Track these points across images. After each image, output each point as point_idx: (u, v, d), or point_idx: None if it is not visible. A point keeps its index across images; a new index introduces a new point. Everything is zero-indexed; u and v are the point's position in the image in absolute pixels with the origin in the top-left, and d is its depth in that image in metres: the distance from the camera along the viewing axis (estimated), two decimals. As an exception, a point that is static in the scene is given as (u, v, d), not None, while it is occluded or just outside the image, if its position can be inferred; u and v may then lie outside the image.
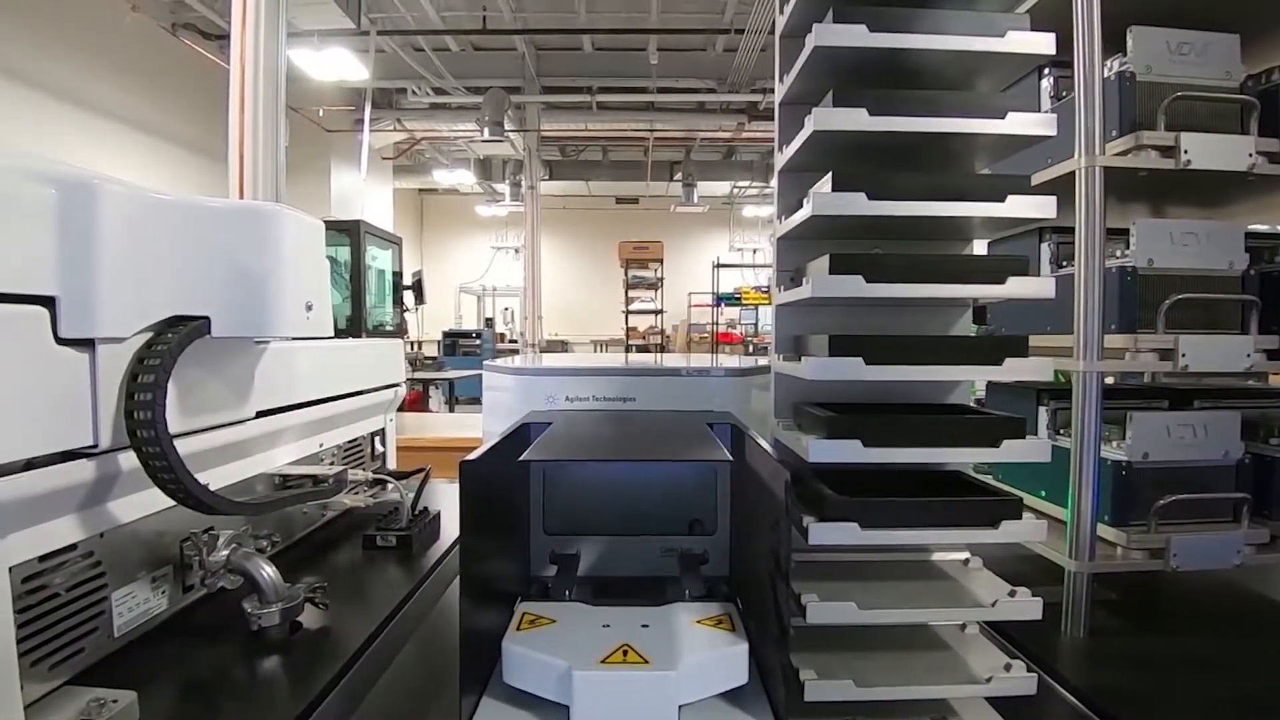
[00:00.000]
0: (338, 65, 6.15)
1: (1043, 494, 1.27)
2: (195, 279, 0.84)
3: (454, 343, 11.07)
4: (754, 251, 13.98)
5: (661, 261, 10.62)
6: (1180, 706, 0.93)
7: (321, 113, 8.04)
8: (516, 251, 13.06)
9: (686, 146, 11.21)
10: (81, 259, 0.71)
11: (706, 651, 0.65)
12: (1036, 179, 1.09)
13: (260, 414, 1.07)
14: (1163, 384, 1.44)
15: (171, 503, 0.89)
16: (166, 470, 0.78)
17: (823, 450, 0.79)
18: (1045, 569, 1.16)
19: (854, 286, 0.78)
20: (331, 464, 1.40)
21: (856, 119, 0.77)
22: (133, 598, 0.86)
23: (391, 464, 1.71)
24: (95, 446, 0.75)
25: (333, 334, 1.07)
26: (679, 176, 11.23)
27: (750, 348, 11.75)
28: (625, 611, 0.73)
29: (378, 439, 1.63)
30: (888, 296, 0.77)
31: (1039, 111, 0.87)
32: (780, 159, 0.94)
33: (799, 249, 0.95)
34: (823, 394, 0.93)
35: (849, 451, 0.78)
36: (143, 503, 0.86)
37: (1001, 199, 0.81)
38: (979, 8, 0.85)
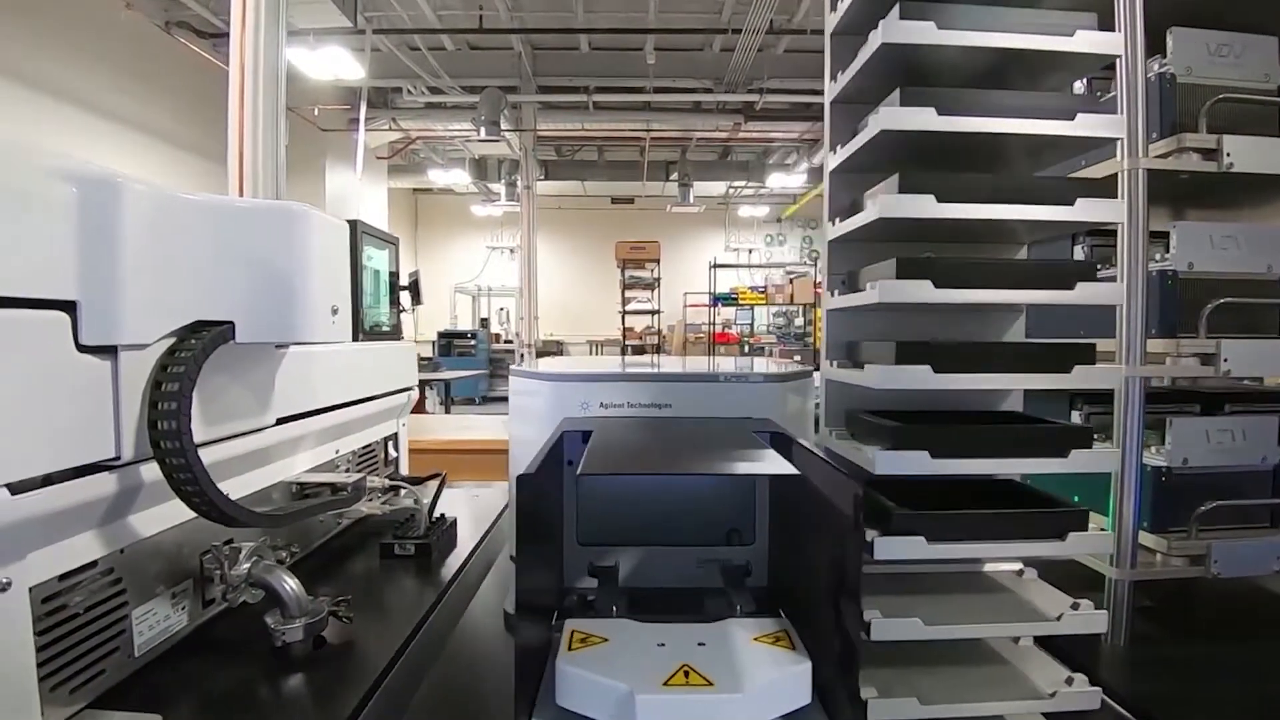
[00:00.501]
0: (333, 64, 6.09)
1: (1075, 499, 1.25)
2: (219, 282, 0.80)
3: (449, 343, 11.01)
4: (749, 252, 13.99)
5: (658, 262, 10.61)
6: (1231, 713, 0.91)
7: (317, 111, 7.96)
8: (512, 251, 13.02)
9: (682, 146, 11.20)
10: (104, 261, 0.68)
11: (770, 671, 0.62)
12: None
13: (279, 421, 1.03)
14: (1186, 387, 1.42)
15: (191, 515, 0.86)
16: (191, 482, 0.75)
17: (889, 462, 0.76)
18: (1078, 575, 1.13)
19: (922, 292, 0.75)
20: (347, 471, 1.36)
21: (925, 119, 0.75)
22: (153, 615, 0.82)
23: (404, 469, 1.67)
24: (118, 459, 0.72)
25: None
26: (675, 176, 11.21)
27: (746, 348, 11.74)
28: (678, 629, 0.70)
29: (390, 444, 1.59)
30: (954, 302, 0.75)
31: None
32: (832, 160, 0.91)
33: (851, 252, 0.92)
34: (872, 401, 0.90)
35: (916, 463, 0.76)
36: (163, 515, 0.83)
37: (1070, 202, 0.78)
38: (1042, 5, 0.83)
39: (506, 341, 12.37)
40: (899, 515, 0.76)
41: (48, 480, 0.65)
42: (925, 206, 0.75)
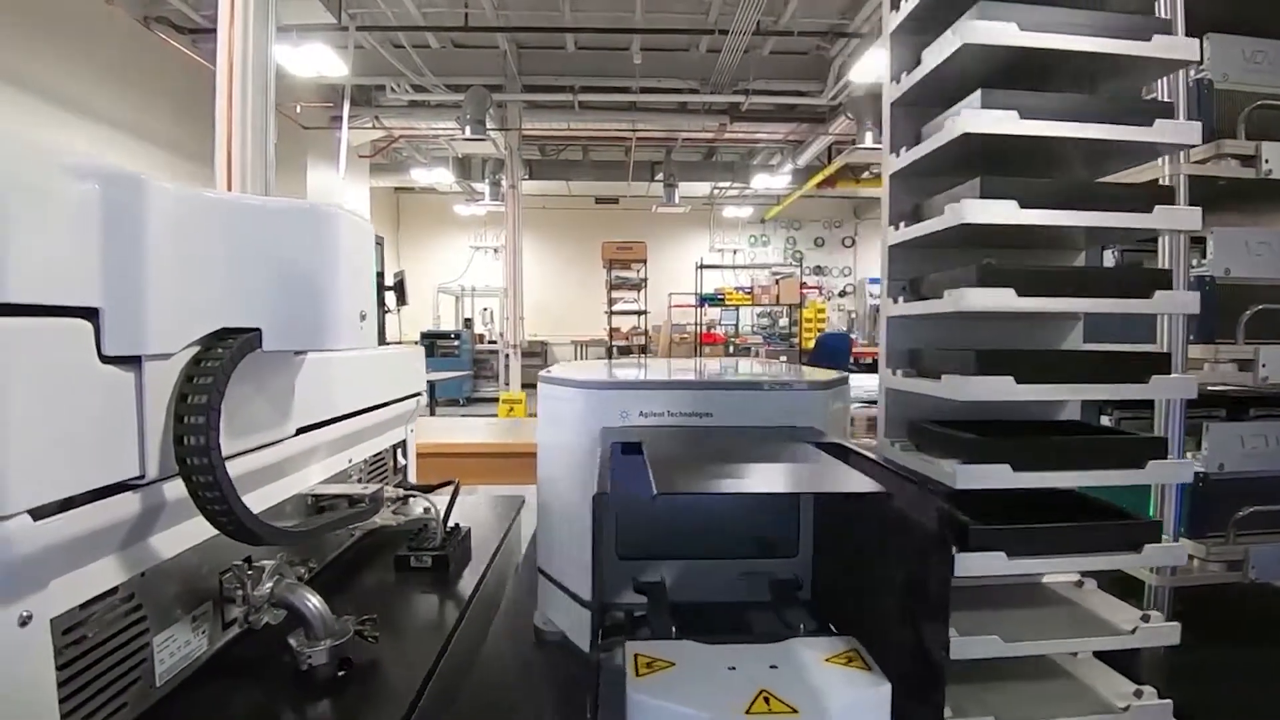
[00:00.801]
0: (317, 61, 5.98)
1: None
2: (245, 286, 0.76)
3: (432, 344, 10.88)
4: (734, 252, 14.01)
5: (644, 262, 10.58)
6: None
7: (299, 109, 7.82)
8: (496, 251, 12.92)
9: (667, 147, 11.19)
10: (127, 265, 0.63)
11: (850, 694, 0.59)
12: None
13: (298, 430, 0.98)
14: (1209, 393, 1.42)
15: (212, 533, 0.81)
16: (219, 501, 0.70)
17: (971, 476, 0.74)
18: (1112, 580, 1.12)
19: (1005, 300, 0.73)
20: (359, 481, 1.31)
21: (1009, 122, 0.72)
22: (173, 641, 0.77)
23: (412, 477, 1.62)
24: (142, 477, 0.67)
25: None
26: (660, 177, 11.20)
27: (732, 348, 11.76)
28: (744, 650, 0.67)
29: (399, 451, 1.54)
30: (1035, 311, 0.73)
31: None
32: (894, 163, 0.88)
33: (912, 257, 0.89)
34: (930, 411, 0.88)
35: (998, 476, 0.73)
36: (184, 535, 0.77)
37: (1148, 209, 0.76)
38: (1110, 7, 0.81)
39: (490, 342, 12.27)
40: (977, 530, 0.73)
41: (67, 503, 0.60)
42: (1010, 212, 0.72)
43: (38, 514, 0.55)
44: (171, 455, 0.69)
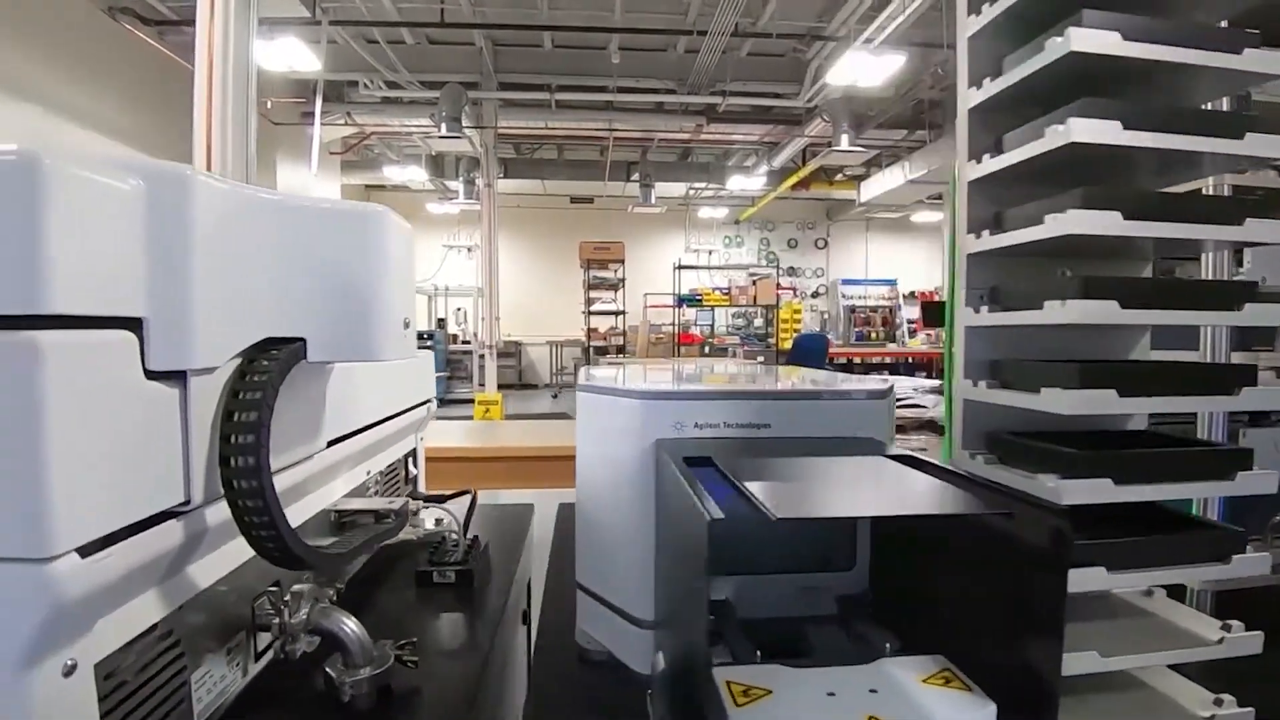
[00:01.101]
0: (289, 55, 5.81)
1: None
2: (290, 293, 0.70)
3: (406, 346, 10.68)
4: (709, 253, 14.04)
5: (623, 262, 10.54)
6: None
7: (270, 105, 7.61)
8: (469, 250, 12.74)
9: (643, 147, 11.17)
10: (174, 270, 0.57)
11: (958, 717, 0.57)
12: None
13: (329, 444, 0.93)
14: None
15: (244, 559, 0.75)
16: (268, 526, 0.64)
17: (1077, 491, 0.72)
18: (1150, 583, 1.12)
19: (1108, 313, 0.71)
20: (375, 493, 1.25)
21: (1113, 132, 0.70)
22: (210, 676, 0.71)
23: (422, 486, 1.56)
24: (187, 503, 0.61)
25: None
26: (636, 176, 11.17)
27: (708, 349, 11.78)
28: (836, 673, 0.64)
29: (410, 460, 1.48)
30: (1136, 323, 0.71)
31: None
32: (973, 171, 0.86)
33: (989, 266, 0.87)
34: (1001, 423, 0.86)
35: (1101, 491, 0.71)
36: (220, 563, 0.72)
37: (1239, 221, 0.75)
38: (1196, 17, 0.80)
39: (464, 342, 12.10)
40: (1081, 546, 0.71)
41: (110, 535, 0.54)
42: (1115, 224, 0.70)
43: (84, 550, 0.49)
44: (215, 478, 0.64)
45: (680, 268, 11.30)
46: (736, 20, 7.00)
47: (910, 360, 10.58)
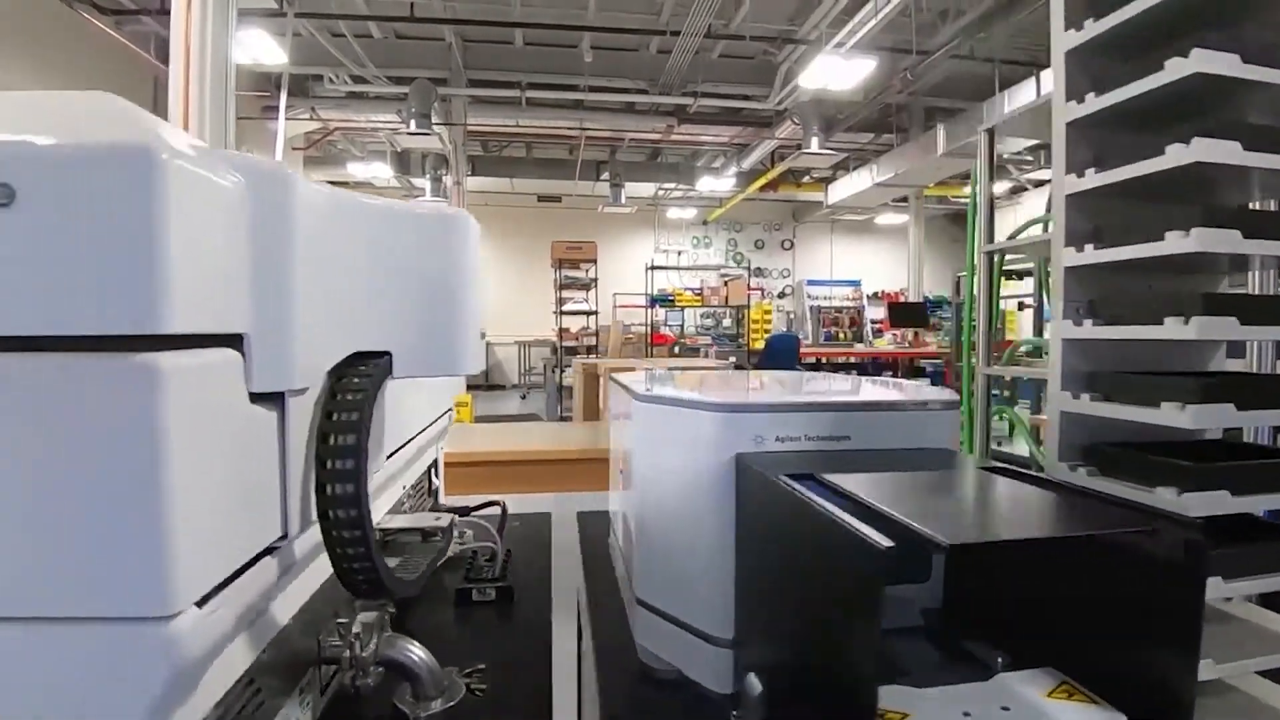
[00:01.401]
0: (252, 48, 5.60)
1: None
2: (376, 303, 0.64)
3: (371, 348, 10.42)
4: (678, 253, 14.05)
5: (595, 262, 10.46)
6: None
7: (230, 98, 7.30)
8: (435, 251, 12.47)
9: (612, 146, 11.12)
10: (275, 279, 0.51)
11: (1100, 732, 0.55)
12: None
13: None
14: None
15: (313, 591, 0.69)
16: (364, 558, 0.59)
17: (1201, 504, 0.70)
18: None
19: (1228, 329, 0.70)
20: (408, 508, 1.19)
21: (1236, 153, 0.70)
22: (286, 723, 0.65)
23: (441, 497, 1.49)
24: (284, 537, 0.55)
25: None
26: (605, 176, 11.11)
27: (678, 349, 11.77)
28: (960, 692, 0.62)
29: (432, 472, 1.42)
30: (1247, 339, 0.71)
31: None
32: (1071, 184, 0.85)
33: (1089, 281, 0.87)
34: (1094, 434, 0.85)
35: (1218, 503, 0.70)
36: (296, 597, 0.65)
37: None
38: None
39: (431, 345, 11.85)
40: None
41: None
42: (1234, 241, 0.70)
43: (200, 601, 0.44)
44: (310, 507, 0.58)
45: (653, 268, 11.27)
46: (710, 21, 7.01)
47: (877, 360, 10.76)
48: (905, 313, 10.92)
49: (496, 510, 1.34)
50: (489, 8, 7.21)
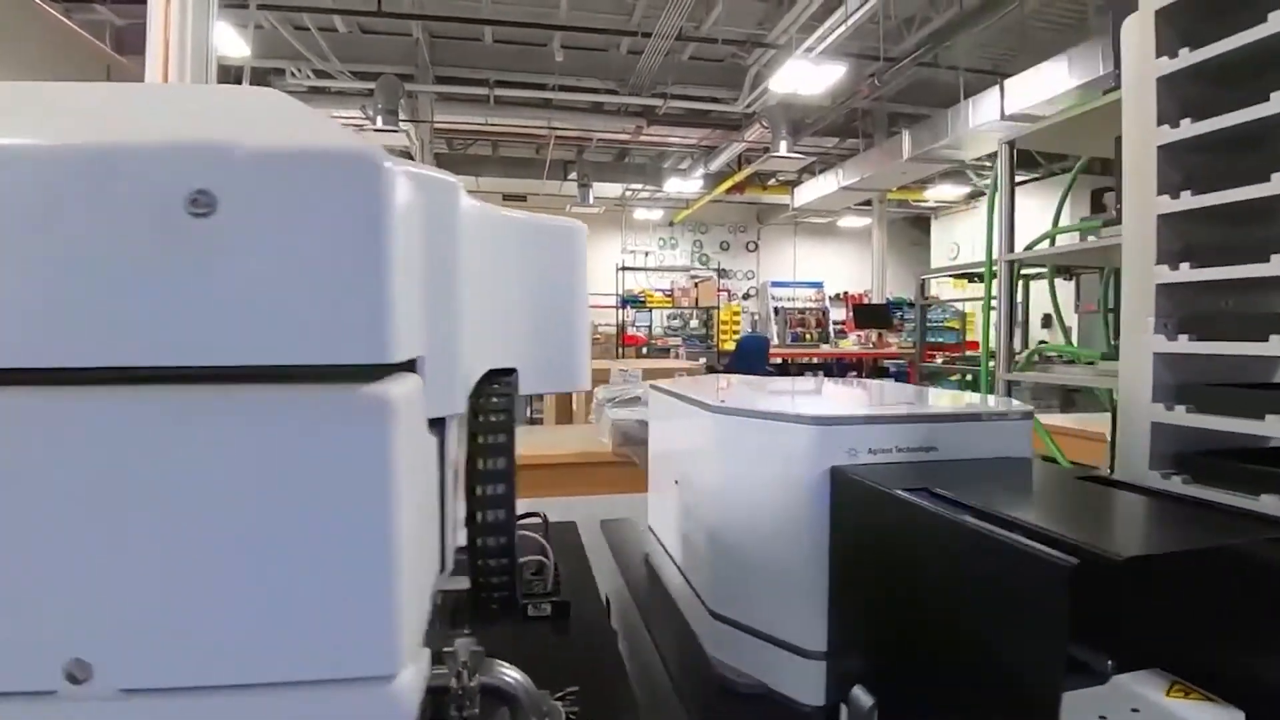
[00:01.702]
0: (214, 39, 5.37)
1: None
2: (507, 318, 0.61)
3: (333, 350, 10.15)
4: (645, 254, 14.07)
5: (564, 263, 10.37)
6: None
7: (184, 90, 7.01)
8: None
9: (580, 146, 11.06)
10: (445, 297, 0.48)
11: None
12: None
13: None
14: None
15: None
16: (507, 586, 0.56)
17: None
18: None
19: None
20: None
21: None
22: (410, 767, 0.61)
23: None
24: (442, 570, 0.52)
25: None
26: (573, 176, 11.05)
27: (646, 349, 11.77)
28: (1082, 698, 0.62)
29: (467, 487, 1.37)
30: None
31: None
32: (1164, 205, 0.86)
33: (1177, 297, 0.88)
34: (1182, 444, 0.87)
35: None
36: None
37: None
38: None
39: (394, 347, 11.61)
40: None
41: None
42: None
43: (404, 650, 0.40)
44: (456, 538, 0.54)
45: (624, 269, 11.25)
46: (681, 24, 7.02)
47: (843, 361, 10.96)
48: (869, 314, 11.15)
49: (537, 520, 1.31)
50: (458, 4, 7.09)
